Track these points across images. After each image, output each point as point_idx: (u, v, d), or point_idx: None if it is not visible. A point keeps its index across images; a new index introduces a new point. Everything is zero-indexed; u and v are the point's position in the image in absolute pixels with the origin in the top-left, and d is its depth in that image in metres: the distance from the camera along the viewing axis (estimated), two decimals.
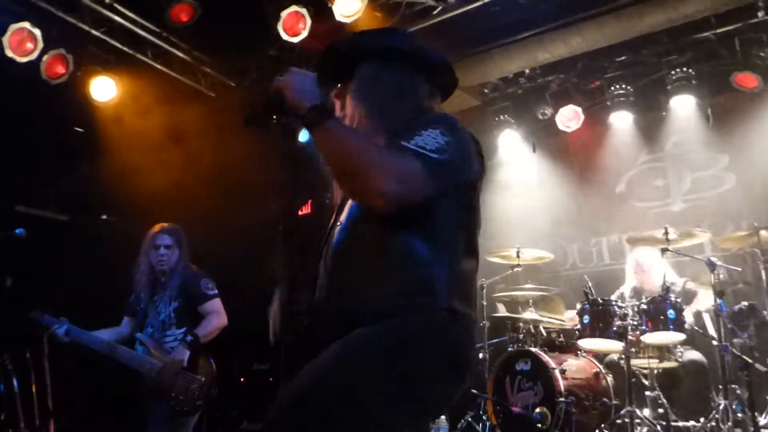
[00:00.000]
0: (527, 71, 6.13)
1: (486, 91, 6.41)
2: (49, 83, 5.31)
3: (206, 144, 6.26)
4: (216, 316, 3.95)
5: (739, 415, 3.99)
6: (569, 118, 6.17)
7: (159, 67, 5.88)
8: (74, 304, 4.61)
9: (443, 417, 5.05)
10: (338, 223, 1.99)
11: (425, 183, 1.76)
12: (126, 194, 6.04)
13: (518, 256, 5.30)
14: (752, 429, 3.89)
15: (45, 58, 5.20)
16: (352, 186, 1.83)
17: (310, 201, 7.83)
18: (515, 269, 5.42)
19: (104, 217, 6.30)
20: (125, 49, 5.62)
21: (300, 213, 7.93)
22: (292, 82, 1.86)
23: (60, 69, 5.26)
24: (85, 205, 6.40)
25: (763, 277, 4.27)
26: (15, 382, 5.48)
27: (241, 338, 6.40)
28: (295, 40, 5.13)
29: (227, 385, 6.83)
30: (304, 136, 6.53)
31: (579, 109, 6.13)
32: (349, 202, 1.98)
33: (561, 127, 6.21)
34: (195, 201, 6.57)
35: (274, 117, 1.93)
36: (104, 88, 5.57)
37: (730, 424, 3.91)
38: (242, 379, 6.81)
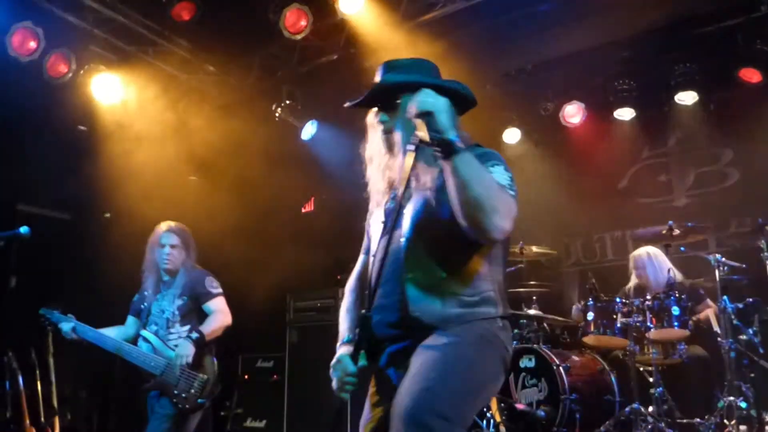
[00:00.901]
0: (529, 67, 6.11)
1: (488, 86, 6.38)
2: (51, 82, 5.32)
3: (209, 142, 6.26)
4: (220, 314, 3.95)
5: (744, 411, 3.99)
6: (572, 114, 6.17)
7: (161, 65, 5.88)
8: (78, 302, 4.61)
9: None
10: (399, 239, 2.18)
11: (514, 219, 2.06)
12: (129, 193, 6.04)
13: (522, 253, 5.29)
14: (757, 426, 3.88)
15: (47, 57, 5.20)
16: (476, 217, 1.99)
17: (312, 198, 7.84)
18: (519, 266, 5.42)
19: (107, 215, 6.29)
20: (127, 47, 5.62)
21: (303, 210, 7.94)
22: (441, 105, 2.01)
23: (62, 68, 5.26)
24: (88, 203, 6.41)
25: None
26: (20, 380, 5.51)
27: (246, 336, 6.44)
28: (298, 37, 5.12)
29: (232, 382, 6.86)
30: (307, 133, 6.53)
31: (582, 105, 6.12)
32: (408, 218, 2.19)
33: (564, 122, 6.20)
34: (198, 199, 6.59)
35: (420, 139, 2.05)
36: (107, 87, 5.56)
37: (734, 420, 3.90)
38: (246, 377, 6.82)
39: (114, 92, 5.60)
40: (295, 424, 6.21)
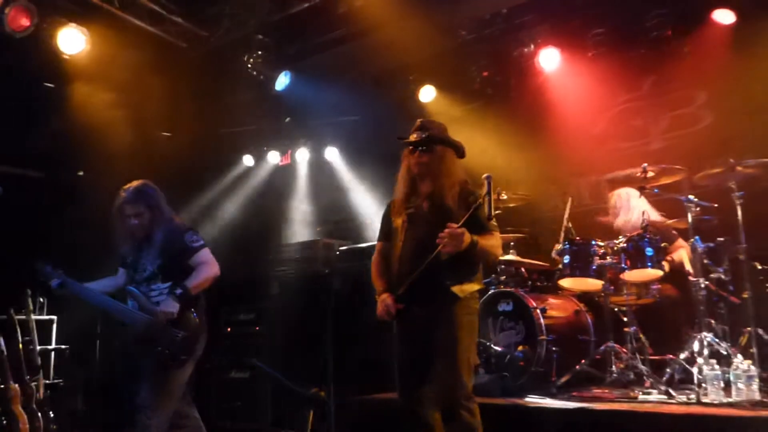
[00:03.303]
0: (504, 11, 6.04)
1: (463, 32, 6.31)
2: (14, 36, 5.14)
3: (179, 95, 6.16)
4: (206, 266, 3.89)
5: (714, 346, 4.12)
6: (546, 58, 6.12)
7: (127, 17, 5.71)
8: (55, 261, 4.58)
9: None
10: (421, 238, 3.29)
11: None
12: (101, 150, 5.96)
13: (499, 198, 5.32)
14: (726, 359, 4.02)
15: (7, 10, 5.01)
16: (489, 263, 3.59)
17: (289, 152, 7.78)
18: (496, 212, 5.44)
19: (81, 173, 6.21)
20: None
21: (281, 164, 7.89)
22: (457, 243, 3.12)
23: (24, 21, 5.07)
24: (60, 161, 6.30)
25: (738, 212, 4.34)
26: (1, 340, 5.51)
27: (227, 288, 6.46)
28: None
29: (214, 335, 6.92)
30: (280, 84, 6.44)
31: (557, 50, 6.08)
32: (425, 225, 3.30)
33: (538, 68, 6.17)
34: (172, 154, 6.52)
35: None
36: (72, 40, 5.40)
37: (705, 355, 4.03)
38: (228, 329, 6.87)
39: (79, 46, 5.44)
40: (278, 373, 6.30)
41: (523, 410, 4.11)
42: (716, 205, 4.57)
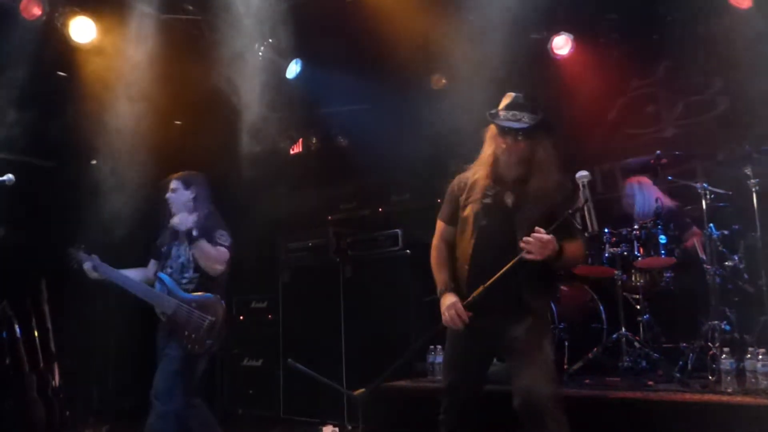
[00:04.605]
0: None
1: (474, 19, 6.24)
2: (26, 25, 5.17)
3: (192, 83, 6.15)
4: (216, 256, 4.01)
5: (727, 335, 4.08)
6: (560, 45, 6.06)
7: (138, 5, 5.70)
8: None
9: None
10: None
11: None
12: (114, 139, 5.97)
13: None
14: (739, 347, 3.98)
15: None
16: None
17: (300, 139, 7.77)
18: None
19: (94, 162, 6.23)
20: None
21: (292, 152, 7.88)
22: (545, 251, 2.80)
23: (36, 10, 5.11)
24: (73, 151, 6.33)
25: (754, 200, 4.29)
26: (17, 328, 5.58)
27: (239, 277, 6.48)
28: None
29: (228, 323, 6.96)
30: (291, 72, 6.42)
31: (570, 36, 6.02)
32: (505, 222, 2.96)
33: (552, 54, 6.11)
34: (185, 143, 6.52)
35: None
36: (83, 29, 5.42)
37: (718, 343, 4.00)
38: (241, 317, 6.91)
39: (91, 35, 5.46)
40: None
41: None
42: (730, 193, 4.52)
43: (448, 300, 2.98)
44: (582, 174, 2.92)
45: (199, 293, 3.97)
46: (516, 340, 2.95)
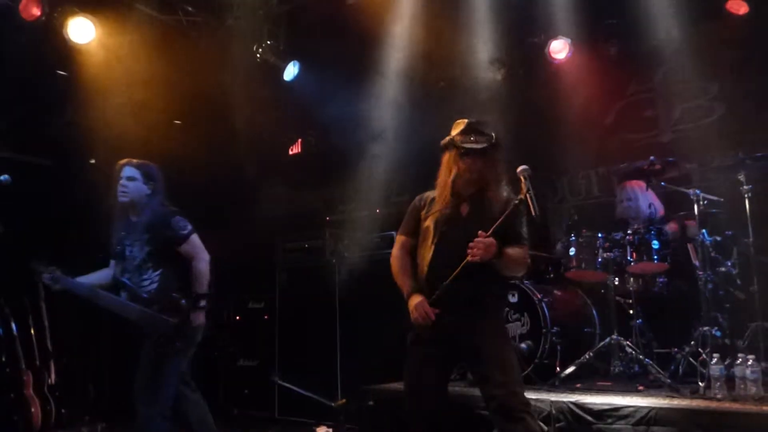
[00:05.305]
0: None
1: (474, 23, 6.26)
2: (26, 25, 5.20)
3: (191, 84, 6.18)
4: (199, 261, 3.83)
5: (719, 340, 4.10)
6: (558, 49, 6.08)
7: (138, 6, 5.74)
8: (66, 249, 4.63)
9: None
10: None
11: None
12: (112, 138, 6.00)
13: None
14: (730, 352, 4.00)
15: None
16: (516, 273, 3.38)
17: (299, 140, 7.80)
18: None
19: (92, 161, 6.26)
20: None
21: (290, 152, 7.91)
22: (487, 253, 3.03)
23: (35, 10, 5.14)
24: (71, 149, 6.35)
25: (747, 206, 4.30)
26: (13, 325, 5.61)
27: (236, 278, 6.51)
28: None
29: (224, 323, 6.99)
30: (289, 74, 6.45)
31: (568, 41, 6.03)
32: (462, 230, 3.14)
33: (550, 58, 6.13)
34: (184, 143, 6.54)
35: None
36: (82, 30, 5.45)
37: (708, 349, 4.01)
38: (238, 318, 6.93)
39: (90, 35, 5.49)
40: (286, 362, 6.36)
41: None
42: (722, 200, 4.53)
43: (416, 299, 3.20)
44: (523, 168, 3.17)
45: (161, 294, 3.77)
46: (483, 345, 3.13)
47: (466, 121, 3.32)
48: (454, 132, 3.32)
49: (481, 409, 3.64)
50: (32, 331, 5.72)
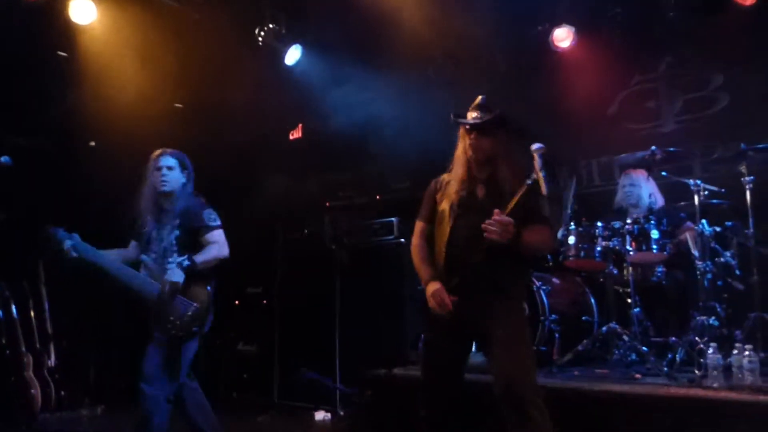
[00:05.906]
0: None
1: (473, 8, 6.22)
2: (27, 6, 5.17)
3: (192, 67, 6.15)
4: (216, 246, 3.90)
5: (716, 330, 4.11)
6: (561, 38, 6.05)
7: None
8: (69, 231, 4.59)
9: None
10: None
11: None
12: (112, 121, 5.98)
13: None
14: (727, 342, 4.01)
15: None
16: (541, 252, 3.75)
17: (300, 125, 7.77)
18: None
19: (92, 143, 6.25)
20: None
21: (291, 137, 7.89)
22: (505, 233, 2.94)
23: None
24: (71, 131, 6.33)
25: (747, 197, 4.30)
26: (13, 308, 5.62)
27: (236, 263, 6.50)
28: None
29: (223, 308, 6.99)
30: (291, 58, 6.42)
31: (572, 29, 6.01)
32: (479, 213, 3.03)
33: (553, 47, 6.10)
34: (184, 126, 6.53)
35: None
36: (83, 10, 5.42)
37: (706, 338, 4.03)
38: (237, 302, 6.95)
39: (91, 16, 5.46)
40: (285, 347, 6.39)
41: None
42: (723, 190, 4.53)
43: (433, 287, 3.13)
44: (537, 146, 3.02)
45: (181, 274, 3.78)
46: (495, 327, 3.03)
47: (480, 97, 3.28)
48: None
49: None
50: (32, 314, 5.73)
